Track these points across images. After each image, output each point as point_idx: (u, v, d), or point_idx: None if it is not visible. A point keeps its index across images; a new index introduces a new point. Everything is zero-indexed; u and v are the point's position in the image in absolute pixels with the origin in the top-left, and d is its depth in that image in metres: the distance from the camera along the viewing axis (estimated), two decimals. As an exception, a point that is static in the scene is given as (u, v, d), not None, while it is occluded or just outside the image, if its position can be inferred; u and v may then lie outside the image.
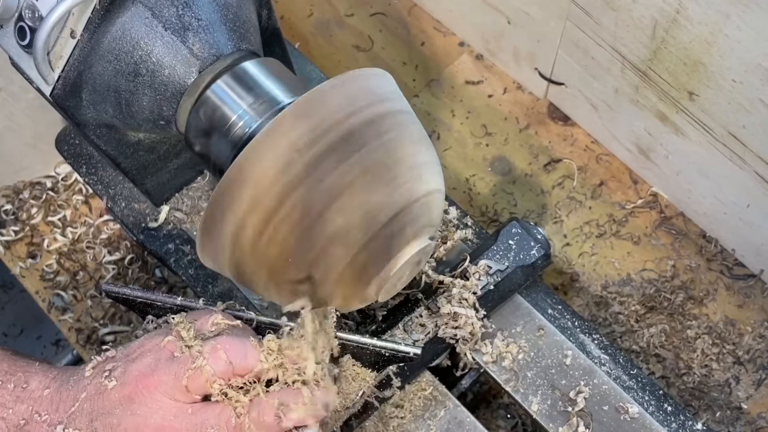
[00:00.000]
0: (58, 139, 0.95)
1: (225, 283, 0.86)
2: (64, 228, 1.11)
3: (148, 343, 0.64)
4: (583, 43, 0.97)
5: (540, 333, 0.81)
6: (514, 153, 1.12)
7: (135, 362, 0.63)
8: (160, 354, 0.63)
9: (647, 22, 0.86)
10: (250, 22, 0.73)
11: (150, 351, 0.63)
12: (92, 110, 0.72)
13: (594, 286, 1.03)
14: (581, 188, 1.09)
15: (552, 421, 0.76)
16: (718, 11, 0.76)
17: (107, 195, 0.91)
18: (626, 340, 0.99)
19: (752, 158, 0.87)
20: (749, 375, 0.96)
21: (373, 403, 0.75)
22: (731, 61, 0.80)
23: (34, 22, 0.67)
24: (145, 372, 0.61)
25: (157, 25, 0.66)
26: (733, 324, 0.99)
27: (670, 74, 0.89)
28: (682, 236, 1.05)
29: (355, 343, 0.68)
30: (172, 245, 0.88)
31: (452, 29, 1.22)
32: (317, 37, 1.24)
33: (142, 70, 0.68)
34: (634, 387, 0.78)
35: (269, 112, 0.67)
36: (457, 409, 0.78)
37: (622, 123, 1.03)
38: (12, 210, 1.12)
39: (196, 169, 0.90)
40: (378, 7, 1.25)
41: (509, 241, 0.82)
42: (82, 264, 1.09)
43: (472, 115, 1.15)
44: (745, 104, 0.82)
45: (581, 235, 1.06)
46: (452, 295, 0.78)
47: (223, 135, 0.68)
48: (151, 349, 0.63)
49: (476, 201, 1.09)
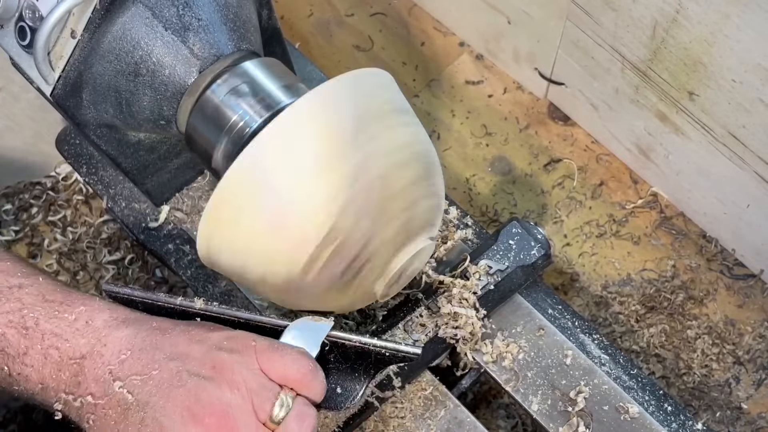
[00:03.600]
0: (58, 139, 0.95)
1: (225, 283, 0.86)
2: (64, 228, 1.11)
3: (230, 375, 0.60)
4: (583, 43, 0.97)
5: (540, 333, 0.80)
6: (514, 153, 1.12)
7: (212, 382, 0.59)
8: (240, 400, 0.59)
9: (647, 22, 0.86)
10: (251, 21, 0.73)
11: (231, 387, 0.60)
12: (92, 110, 0.72)
13: (594, 286, 1.03)
14: (581, 188, 1.09)
15: (552, 421, 0.76)
16: (718, 11, 0.77)
17: (107, 195, 0.91)
18: (626, 340, 0.99)
19: (752, 158, 0.87)
20: (749, 375, 0.96)
21: (373, 403, 0.75)
22: (731, 61, 0.80)
23: (35, 22, 0.67)
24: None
25: (158, 25, 0.66)
26: (733, 324, 0.99)
27: (670, 74, 0.89)
28: (682, 236, 1.05)
29: (355, 343, 0.68)
30: (173, 245, 0.88)
31: (452, 29, 1.22)
32: (317, 37, 1.24)
33: (143, 70, 0.68)
34: (635, 387, 0.78)
35: (269, 111, 0.67)
36: (457, 409, 0.78)
37: (622, 123, 1.03)
38: (12, 210, 1.12)
39: (196, 169, 0.90)
40: (378, 7, 1.25)
41: (509, 241, 0.82)
42: (82, 264, 1.09)
43: (472, 115, 1.15)
44: (745, 104, 0.82)
45: (581, 235, 1.06)
46: (452, 295, 0.78)
47: (224, 135, 0.68)
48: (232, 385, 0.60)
49: (476, 201, 1.09)
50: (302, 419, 0.59)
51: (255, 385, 0.59)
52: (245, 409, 0.58)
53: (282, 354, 0.61)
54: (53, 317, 0.62)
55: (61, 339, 0.61)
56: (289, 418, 0.59)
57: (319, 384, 0.62)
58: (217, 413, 0.57)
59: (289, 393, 0.60)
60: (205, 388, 0.58)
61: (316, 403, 0.63)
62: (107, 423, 0.58)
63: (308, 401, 0.61)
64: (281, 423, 0.59)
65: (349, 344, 0.68)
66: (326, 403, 0.69)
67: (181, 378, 0.58)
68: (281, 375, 0.60)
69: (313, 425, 0.60)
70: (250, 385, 0.59)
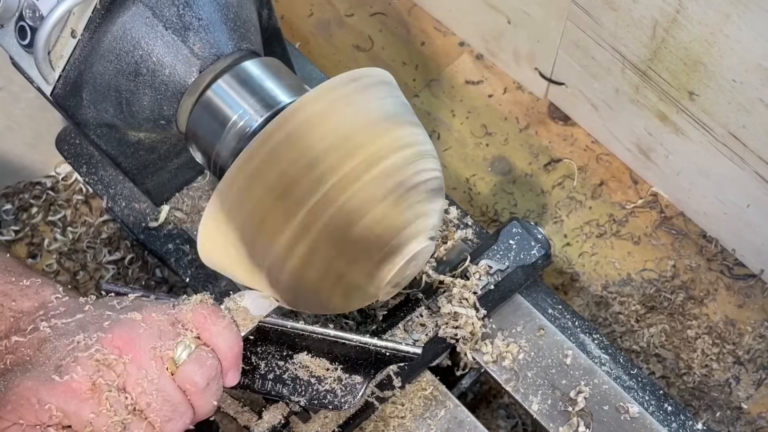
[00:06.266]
0: (58, 139, 0.95)
1: (225, 283, 0.86)
2: (64, 228, 1.11)
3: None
4: (584, 43, 0.97)
5: (540, 333, 0.80)
6: (514, 153, 1.12)
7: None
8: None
9: (647, 22, 0.86)
10: (251, 21, 0.73)
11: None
12: (93, 110, 0.72)
13: (594, 286, 1.03)
14: (581, 188, 1.09)
15: (552, 421, 0.76)
16: (718, 11, 0.77)
17: (107, 195, 0.91)
18: (626, 340, 0.99)
19: (752, 158, 0.87)
20: (749, 375, 0.96)
21: (373, 403, 0.75)
22: (731, 61, 0.80)
23: (35, 21, 0.67)
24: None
25: (158, 25, 0.66)
26: (733, 324, 0.99)
27: (670, 74, 0.89)
28: (682, 236, 1.05)
29: (355, 343, 0.68)
30: (172, 245, 0.88)
31: (452, 29, 1.22)
32: (317, 37, 1.24)
33: (143, 70, 0.68)
34: (635, 387, 0.78)
35: (270, 111, 0.67)
36: (458, 409, 0.78)
37: (623, 123, 1.03)
38: (12, 210, 1.12)
39: (196, 169, 0.90)
40: (378, 7, 1.25)
41: (509, 241, 0.82)
42: (82, 264, 1.09)
43: (472, 115, 1.15)
44: (745, 104, 0.82)
45: (581, 235, 1.06)
46: (452, 295, 0.78)
47: (224, 134, 0.68)
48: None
49: (476, 201, 1.09)
50: (201, 363, 0.61)
51: (165, 325, 0.62)
52: (150, 341, 0.60)
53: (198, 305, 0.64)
54: (8, 282, 0.67)
55: (8, 299, 0.65)
56: (188, 358, 0.61)
57: (229, 336, 0.64)
58: (124, 338, 0.60)
59: (196, 341, 0.62)
60: (121, 320, 0.61)
61: (225, 361, 0.63)
62: (22, 359, 0.61)
63: (214, 353, 0.63)
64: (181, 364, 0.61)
65: (350, 344, 0.68)
66: (326, 403, 0.69)
67: (102, 316, 0.62)
68: (189, 320, 0.63)
69: (211, 374, 0.62)
70: (163, 325, 0.62)
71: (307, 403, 0.70)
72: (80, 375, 0.58)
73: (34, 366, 0.59)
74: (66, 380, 0.57)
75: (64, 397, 0.57)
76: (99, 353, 0.58)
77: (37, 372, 0.58)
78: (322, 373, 0.70)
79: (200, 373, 0.61)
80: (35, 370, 0.59)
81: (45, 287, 0.67)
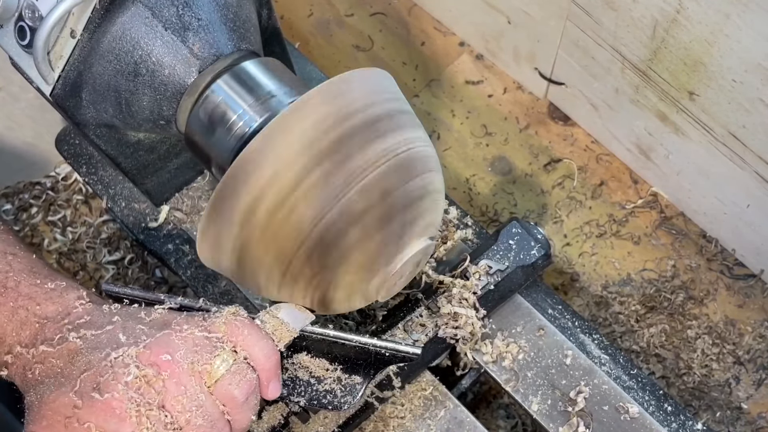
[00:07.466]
0: (58, 139, 0.95)
1: (225, 283, 0.86)
2: (64, 228, 1.11)
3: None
4: (584, 43, 0.97)
5: (540, 333, 0.80)
6: (514, 153, 1.12)
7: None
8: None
9: (647, 22, 0.86)
10: (250, 21, 0.73)
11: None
12: (92, 110, 0.72)
13: (594, 286, 1.03)
14: (581, 188, 1.09)
15: (552, 421, 0.76)
16: (718, 11, 0.76)
17: (107, 195, 0.91)
18: (626, 340, 0.99)
19: (752, 158, 0.87)
20: (749, 375, 0.96)
21: (373, 403, 0.75)
22: (731, 61, 0.80)
23: (34, 21, 0.67)
24: None
25: (157, 25, 0.66)
26: (733, 324, 0.99)
27: (670, 74, 0.89)
28: (682, 236, 1.05)
29: (355, 343, 0.68)
30: (172, 245, 0.88)
31: (452, 29, 1.22)
32: (317, 37, 1.24)
33: (142, 70, 0.67)
34: (634, 387, 0.78)
35: (269, 111, 0.67)
36: (457, 409, 0.78)
37: (623, 123, 1.03)
38: (12, 210, 1.12)
39: (196, 169, 0.90)
40: (378, 7, 1.25)
41: (509, 241, 0.82)
42: (82, 264, 1.09)
43: (472, 115, 1.15)
44: (745, 104, 0.82)
45: (581, 235, 1.06)
46: (452, 295, 0.78)
47: (224, 134, 0.68)
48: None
49: (476, 201, 1.09)
50: (241, 376, 0.60)
51: (201, 339, 0.60)
52: (187, 356, 0.59)
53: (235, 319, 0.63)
54: (33, 285, 0.66)
55: (33, 302, 0.64)
56: (227, 372, 0.60)
57: (266, 346, 0.62)
58: (162, 353, 0.58)
59: (233, 355, 0.61)
60: (156, 335, 0.60)
61: (263, 373, 0.62)
62: (53, 371, 0.60)
63: (251, 366, 0.62)
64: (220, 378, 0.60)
65: (349, 344, 0.68)
66: (326, 403, 0.69)
67: (134, 332, 0.60)
68: (223, 332, 0.61)
69: (250, 388, 0.60)
70: (197, 339, 0.60)
71: (307, 404, 0.70)
72: (120, 393, 0.56)
73: (68, 379, 0.58)
74: (106, 398, 0.56)
75: (104, 416, 0.56)
76: (139, 370, 0.57)
77: (71, 386, 0.57)
78: (322, 374, 0.69)
79: (239, 387, 0.60)
80: (68, 384, 0.58)
81: (69, 291, 0.66)
